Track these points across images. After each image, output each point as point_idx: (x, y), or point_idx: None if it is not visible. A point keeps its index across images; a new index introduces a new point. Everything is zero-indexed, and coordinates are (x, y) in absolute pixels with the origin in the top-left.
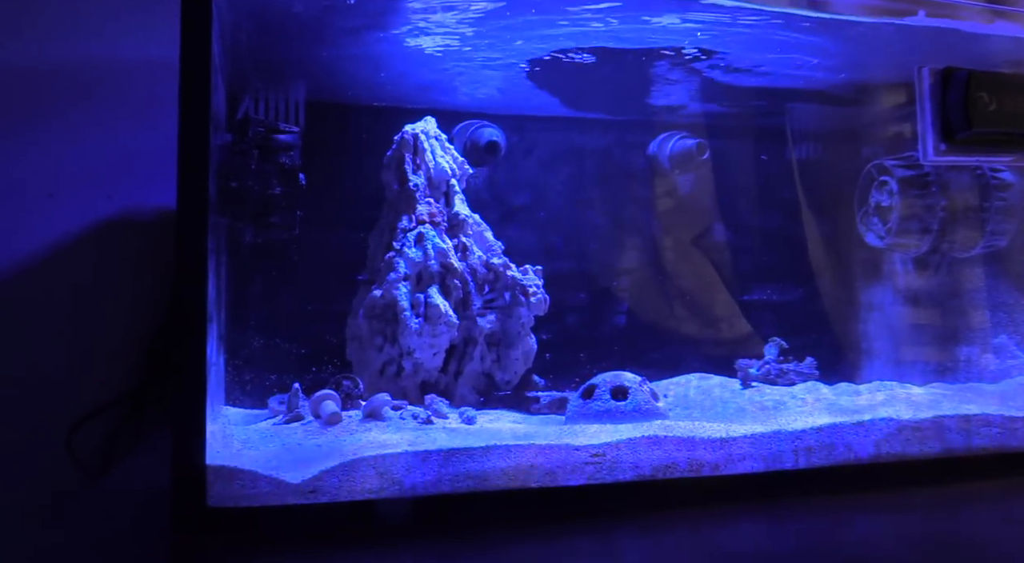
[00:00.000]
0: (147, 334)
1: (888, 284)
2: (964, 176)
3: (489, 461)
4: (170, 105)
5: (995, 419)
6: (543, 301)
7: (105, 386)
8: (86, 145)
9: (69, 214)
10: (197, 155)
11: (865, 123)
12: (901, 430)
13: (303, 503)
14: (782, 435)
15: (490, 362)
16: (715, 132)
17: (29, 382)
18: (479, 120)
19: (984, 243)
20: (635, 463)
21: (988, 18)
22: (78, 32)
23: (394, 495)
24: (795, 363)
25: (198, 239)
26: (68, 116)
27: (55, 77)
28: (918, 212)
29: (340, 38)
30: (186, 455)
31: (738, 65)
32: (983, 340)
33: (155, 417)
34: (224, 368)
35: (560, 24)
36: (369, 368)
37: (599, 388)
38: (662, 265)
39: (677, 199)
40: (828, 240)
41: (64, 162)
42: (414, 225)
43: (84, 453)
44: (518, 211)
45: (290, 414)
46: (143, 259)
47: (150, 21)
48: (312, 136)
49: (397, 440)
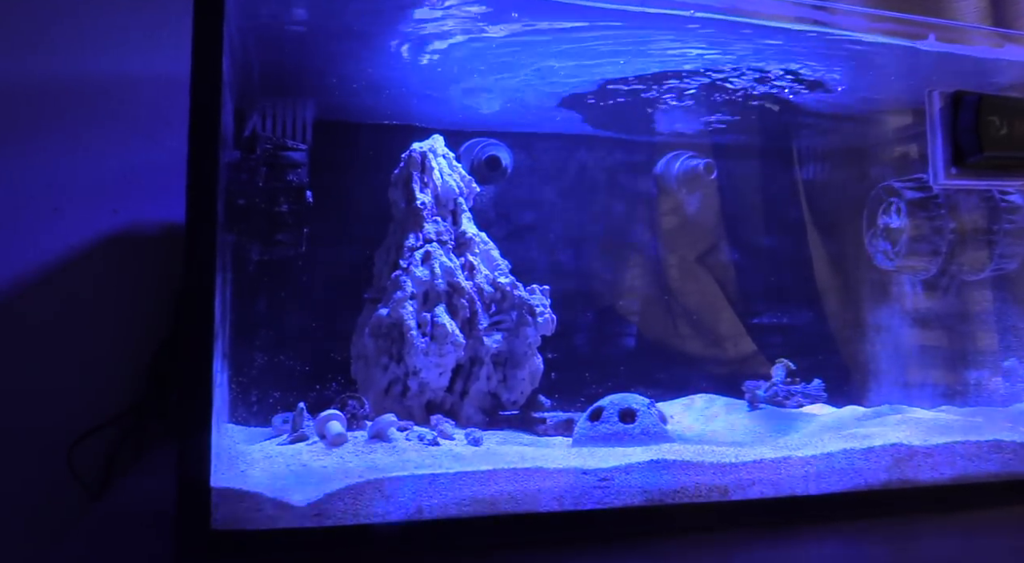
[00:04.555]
0: (150, 350)
1: (897, 306)
2: (973, 198)
3: (496, 485)
4: (176, 121)
5: (1006, 445)
6: (550, 321)
7: (107, 401)
8: (92, 159)
9: (74, 228)
10: (206, 172)
11: (873, 143)
12: (912, 456)
13: (309, 527)
14: (791, 460)
15: (496, 382)
16: (721, 152)
17: (31, 396)
18: (486, 138)
19: (993, 266)
20: (643, 487)
21: (997, 42)
22: (85, 47)
23: (400, 519)
24: (803, 385)
25: (206, 256)
26: (74, 130)
27: (62, 92)
28: (927, 234)
29: (348, 55)
30: (191, 477)
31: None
32: (993, 363)
33: (157, 433)
34: (228, 385)
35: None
36: (375, 387)
37: (607, 410)
38: (668, 284)
39: (683, 218)
40: (836, 261)
41: (70, 176)
42: (421, 243)
43: (85, 468)
44: (525, 229)
45: (295, 434)
46: (147, 274)
47: (157, 37)
48: (320, 154)
49: (403, 462)
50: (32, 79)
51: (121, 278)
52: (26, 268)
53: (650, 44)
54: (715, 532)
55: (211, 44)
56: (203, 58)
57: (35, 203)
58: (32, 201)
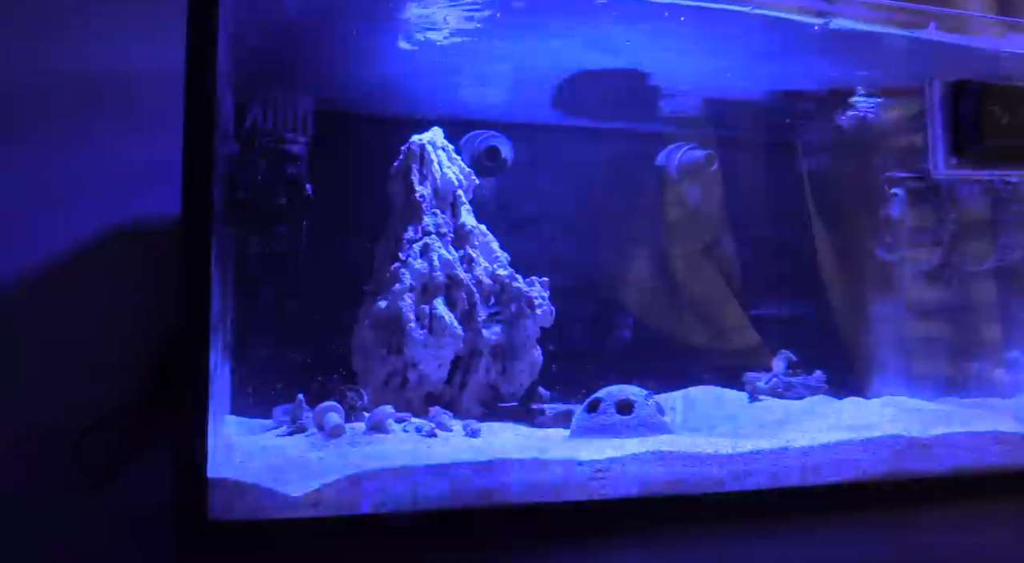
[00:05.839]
0: (157, 341)
1: (899, 297)
2: (975, 189)
3: (493, 476)
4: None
5: (1009, 436)
6: (549, 313)
7: (113, 395)
8: (98, 152)
9: (80, 221)
10: (202, 163)
11: (877, 134)
12: (911, 447)
13: (305, 516)
14: (789, 452)
15: (495, 374)
16: (725, 143)
17: (38, 389)
18: (486, 130)
19: (996, 256)
20: (640, 478)
21: (1000, 31)
22: (89, 40)
23: (396, 509)
24: (804, 376)
25: (201, 248)
26: (79, 124)
27: (66, 85)
28: (929, 225)
29: (348, 47)
30: (188, 468)
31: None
32: (995, 354)
33: (163, 425)
34: (229, 378)
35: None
36: (374, 379)
37: (604, 402)
38: (671, 275)
39: (686, 209)
40: (838, 252)
41: (76, 169)
42: (420, 236)
43: (90, 461)
44: (526, 221)
45: (294, 425)
46: (155, 266)
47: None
48: (319, 146)
49: (400, 453)
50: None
51: (129, 271)
52: (31, 261)
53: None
54: (712, 523)
55: (206, 33)
56: (197, 48)
57: (40, 196)
58: (37, 194)
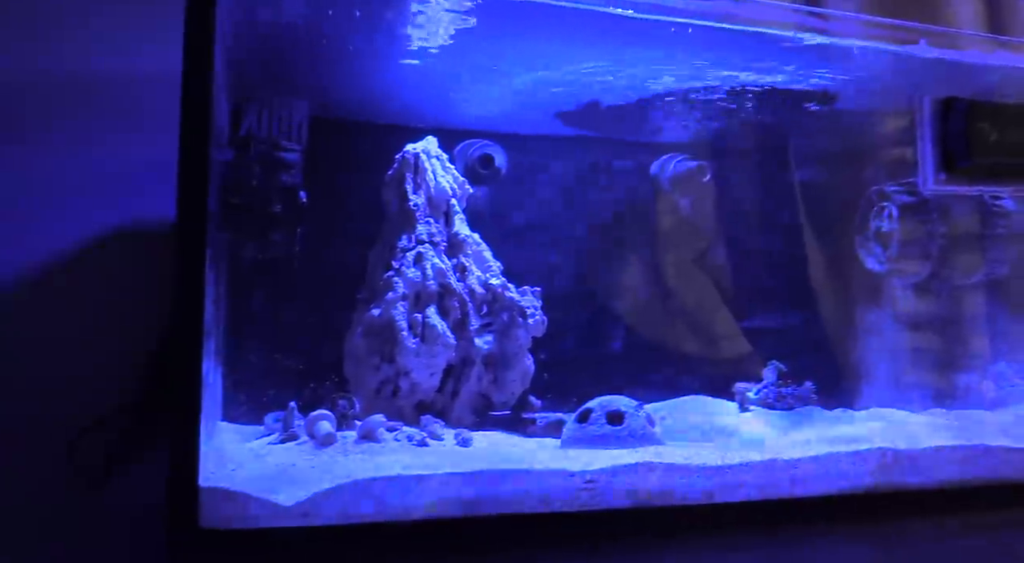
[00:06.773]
0: (153, 343)
1: (888, 309)
2: (964, 203)
3: (483, 486)
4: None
5: (994, 449)
6: (541, 322)
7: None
8: (94, 154)
9: (77, 222)
10: (197, 169)
11: (867, 146)
12: (898, 459)
13: (296, 526)
14: (778, 463)
15: (487, 383)
16: (717, 153)
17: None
18: (480, 139)
19: (984, 270)
20: (629, 489)
21: (989, 48)
22: (88, 42)
23: (387, 519)
24: (793, 387)
25: (196, 254)
26: (78, 124)
27: (63, 87)
28: (918, 238)
29: (343, 55)
30: (179, 476)
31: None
32: (982, 367)
33: (162, 426)
34: (221, 384)
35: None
36: (366, 387)
37: (594, 412)
38: (663, 285)
39: (678, 219)
40: (829, 263)
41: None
42: (413, 245)
43: (88, 461)
44: (519, 230)
45: (285, 433)
46: (154, 266)
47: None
48: (314, 154)
49: (391, 463)
50: (32, 73)
51: (126, 272)
52: (27, 262)
53: (644, 51)
54: (702, 535)
55: (203, 39)
56: (194, 54)
57: (37, 197)
58: (33, 195)
